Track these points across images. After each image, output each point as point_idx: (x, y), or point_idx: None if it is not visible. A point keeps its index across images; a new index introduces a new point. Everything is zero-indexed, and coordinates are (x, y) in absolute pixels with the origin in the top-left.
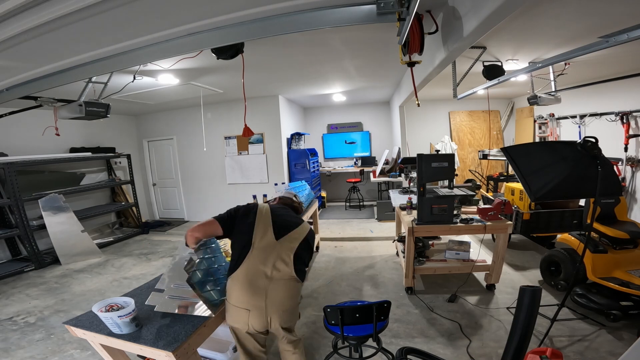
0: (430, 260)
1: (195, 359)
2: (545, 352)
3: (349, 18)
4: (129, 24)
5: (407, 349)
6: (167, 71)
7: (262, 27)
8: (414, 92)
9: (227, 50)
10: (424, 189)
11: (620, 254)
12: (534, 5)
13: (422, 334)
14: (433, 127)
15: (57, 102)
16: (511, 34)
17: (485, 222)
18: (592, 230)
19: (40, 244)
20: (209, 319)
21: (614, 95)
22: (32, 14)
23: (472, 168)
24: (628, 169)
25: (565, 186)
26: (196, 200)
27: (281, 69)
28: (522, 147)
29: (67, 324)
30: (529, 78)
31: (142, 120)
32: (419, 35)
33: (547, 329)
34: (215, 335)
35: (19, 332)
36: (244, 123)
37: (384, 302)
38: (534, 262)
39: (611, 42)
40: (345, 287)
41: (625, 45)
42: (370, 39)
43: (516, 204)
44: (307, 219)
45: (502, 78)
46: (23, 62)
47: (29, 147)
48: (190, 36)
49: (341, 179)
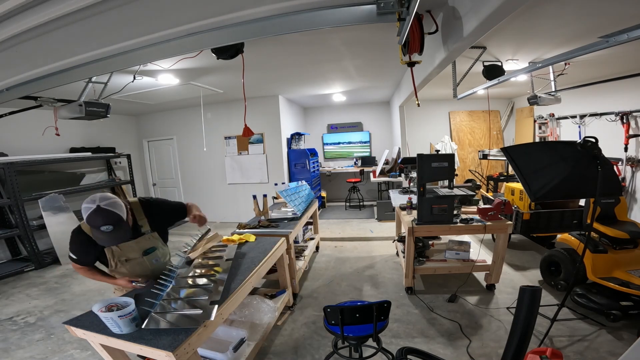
0: (430, 260)
1: (195, 359)
2: (545, 352)
3: (349, 18)
4: (129, 24)
5: (407, 349)
6: (167, 71)
7: (262, 27)
8: (414, 92)
9: (227, 50)
10: (424, 189)
11: (620, 254)
12: (534, 5)
13: (422, 334)
14: (433, 127)
15: (57, 102)
16: (511, 34)
17: (485, 222)
18: (592, 230)
19: (40, 244)
20: (208, 320)
21: (614, 95)
22: (32, 14)
23: (472, 168)
24: (628, 169)
25: (565, 186)
26: (196, 200)
27: (281, 69)
28: (522, 147)
29: (67, 324)
30: (529, 78)
31: (142, 120)
32: (419, 35)
33: (547, 329)
34: (215, 335)
35: (19, 332)
36: (244, 123)
37: (384, 302)
38: (534, 262)
39: (611, 42)
40: (345, 287)
41: (625, 45)
42: (370, 39)
43: (516, 204)
44: (307, 219)
45: (502, 78)
46: (23, 62)
47: (29, 147)
48: (190, 36)
49: (341, 179)
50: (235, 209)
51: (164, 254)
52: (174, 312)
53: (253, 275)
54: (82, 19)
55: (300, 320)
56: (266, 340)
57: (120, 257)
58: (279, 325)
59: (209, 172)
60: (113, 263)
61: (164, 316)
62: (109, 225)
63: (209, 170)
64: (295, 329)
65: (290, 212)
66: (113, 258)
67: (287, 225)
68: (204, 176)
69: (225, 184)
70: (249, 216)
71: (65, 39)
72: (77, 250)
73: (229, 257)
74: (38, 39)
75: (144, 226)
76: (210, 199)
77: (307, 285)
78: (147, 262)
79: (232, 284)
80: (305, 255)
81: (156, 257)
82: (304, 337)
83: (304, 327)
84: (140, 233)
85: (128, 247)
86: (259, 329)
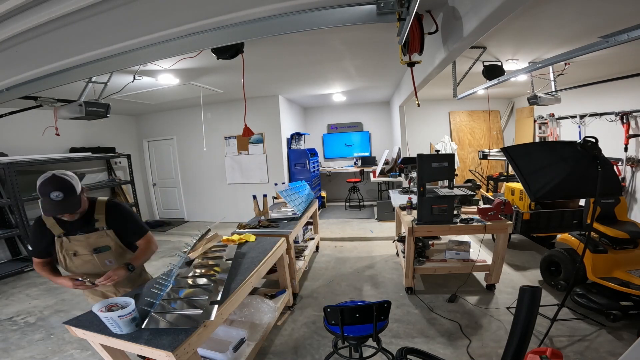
0: (430, 260)
1: (195, 359)
2: (545, 352)
3: (349, 18)
4: (129, 24)
5: (407, 349)
6: (167, 71)
7: (262, 27)
8: (414, 92)
9: (227, 50)
10: (424, 189)
11: (620, 254)
12: (534, 5)
13: (422, 334)
14: (433, 127)
15: (57, 102)
16: (511, 34)
17: (485, 222)
18: (592, 230)
19: None
20: (208, 320)
21: (614, 95)
22: (32, 14)
23: (472, 168)
24: (628, 169)
25: (565, 186)
26: (196, 201)
27: (281, 69)
28: (522, 147)
29: (67, 324)
30: (529, 78)
31: (142, 120)
32: (419, 35)
33: (547, 329)
34: (215, 335)
35: (19, 332)
36: (244, 123)
37: (384, 302)
38: (534, 262)
39: (611, 42)
40: (345, 287)
41: (625, 45)
42: (370, 39)
43: (516, 204)
44: (307, 219)
45: (502, 78)
46: (23, 62)
47: (29, 147)
48: (190, 36)
49: (341, 179)
50: (235, 209)
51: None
52: (173, 312)
53: (253, 275)
54: (82, 19)
55: (300, 320)
56: (266, 340)
57: (69, 251)
58: (279, 325)
59: (209, 172)
60: (61, 256)
61: (164, 316)
62: (59, 191)
63: (209, 170)
64: (295, 329)
65: (290, 212)
66: (61, 250)
67: (287, 225)
68: (204, 176)
69: (225, 184)
70: (249, 216)
71: (65, 39)
72: (32, 239)
73: (229, 257)
74: (38, 39)
75: (99, 221)
76: (210, 199)
77: (307, 285)
78: (99, 261)
79: (232, 284)
80: (305, 255)
81: (110, 259)
82: (304, 337)
83: (304, 327)
84: (94, 228)
85: (76, 241)
86: (259, 329)
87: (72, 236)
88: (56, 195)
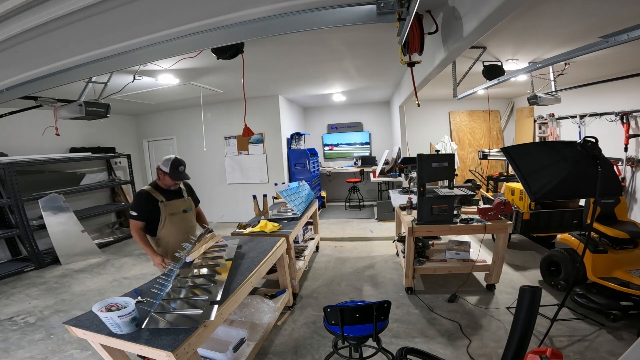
0: (430, 260)
1: (195, 358)
2: (545, 352)
3: (349, 18)
4: (129, 24)
5: (407, 349)
6: (167, 71)
7: (262, 27)
8: (414, 92)
9: (227, 50)
10: (424, 189)
11: (620, 254)
12: (534, 5)
13: (422, 334)
14: (433, 127)
15: (57, 102)
16: (511, 34)
17: (485, 222)
18: (592, 230)
19: (40, 244)
20: (208, 320)
21: (614, 95)
22: (32, 14)
23: (472, 168)
24: (628, 169)
25: (565, 186)
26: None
27: (281, 69)
28: (522, 147)
29: (67, 324)
30: (529, 78)
31: (142, 120)
32: (419, 35)
33: (547, 329)
34: (215, 335)
35: (19, 332)
36: (244, 123)
37: (384, 302)
38: (534, 262)
39: (611, 42)
40: (345, 287)
41: (625, 45)
42: (370, 39)
43: (516, 204)
44: (307, 219)
45: (502, 78)
46: (23, 62)
47: (29, 147)
48: (190, 36)
49: (341, 179)
50: (235, 209)
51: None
52: (173, 312)
53: (253, 275)
54: (82, 19)
55: (300, 320)
56: (266, 340)
57: (169, 211)
58: (279, 325)
59: (209, 172)
60: (164, 217)
61: (164, 316)
62: (183, 166)
63: (209, 170)
64: (295, 329)
65: (290, 212)
66: (164, 211)
67: (287, 225)
68: (204, 176)
69: (225, 184)
70: (249, 216)
71: (65, 39)
72: (137, 207)
73: (229, 257)
74: (38, 39)
75: (184, 191)
76: (210, 199)
77: (307, 285)
78: (187, 217)
79: (232, 284)
80: (305, 255)
81: (191, 218)
82: (304, 337)
83: (304, 327)
84: (181, 196)
85: (174, 204)
86: (259, 329)
87: (170, 201)
88: (182, 168)
